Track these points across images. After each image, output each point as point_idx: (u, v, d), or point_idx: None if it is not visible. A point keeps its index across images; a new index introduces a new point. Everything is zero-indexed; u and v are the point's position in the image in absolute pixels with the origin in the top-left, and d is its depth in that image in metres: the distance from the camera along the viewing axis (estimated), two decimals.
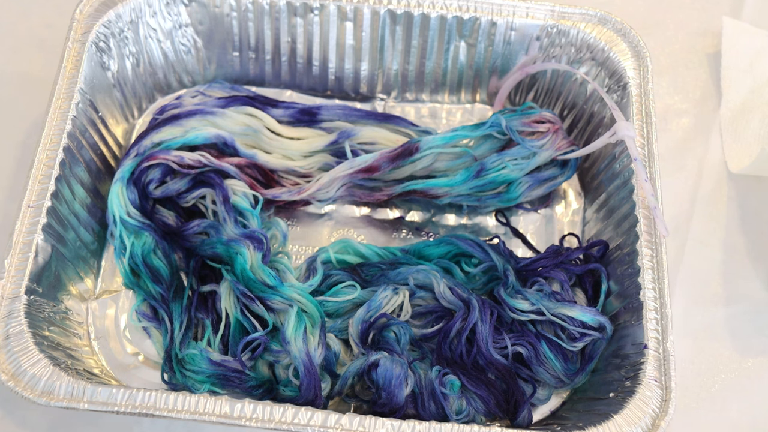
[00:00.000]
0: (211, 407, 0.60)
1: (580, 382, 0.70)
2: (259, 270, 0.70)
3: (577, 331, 0.69)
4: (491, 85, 0.85)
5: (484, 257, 0.73)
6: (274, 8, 0.80)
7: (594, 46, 0.79)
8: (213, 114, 0.76)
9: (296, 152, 0.78)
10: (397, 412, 0.65)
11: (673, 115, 0.89)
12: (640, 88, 0.76)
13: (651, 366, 0.64)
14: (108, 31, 0.76)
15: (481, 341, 0.68)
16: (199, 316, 0.71)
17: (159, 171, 0.74)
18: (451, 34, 0.81)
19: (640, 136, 0.73)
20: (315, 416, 0.60)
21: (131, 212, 0.73)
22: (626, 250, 0.70)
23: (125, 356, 0.72)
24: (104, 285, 0.75)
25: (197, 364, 0.68)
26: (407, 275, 0.72)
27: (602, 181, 0.78)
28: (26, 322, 0.64)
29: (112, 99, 0.79)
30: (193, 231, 0.73)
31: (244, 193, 0.75)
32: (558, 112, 0.84)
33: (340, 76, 0.85)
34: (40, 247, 0.67)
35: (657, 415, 0.62)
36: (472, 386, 0.67)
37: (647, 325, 0.66)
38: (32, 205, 0.68)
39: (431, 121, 0.86)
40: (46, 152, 0.69)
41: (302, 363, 0.65)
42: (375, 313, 0.69)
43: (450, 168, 0.77)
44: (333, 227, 0.80)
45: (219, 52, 0.84)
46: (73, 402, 0.61)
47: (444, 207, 0.80)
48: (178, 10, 0.80)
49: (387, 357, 0.66)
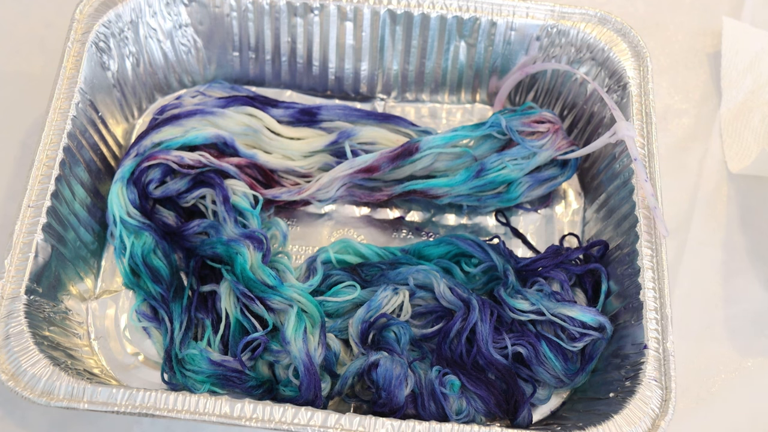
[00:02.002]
0: (211, 407, 0.60)
1: (580, 382, 0.70)
2: (259, 270, 0.70)
3: (577, 331, 0.69)
4: (491, 85, 0.85)
5: (484, 257, 0.73)
6: (274, 8, 0.80)
7: (594, 46, 0.79)
8: (213, 114, 0.76)
9: (296, 152, 0.78)
10: (397, 412, 0.65)
11: (673, 115, 0.89)
12: (640, 88, 0.76)
13: (651, 366, 0.64)
14: (108, 31, 0.76)
15: (481, 341, 0.68)
16: (199, 316, 0.71)
17: (159, 171, 0.74)
18: (451, 34, 0.81)
19: (640, 136, 0.73)
20: (315, 416, 0.60)
21: (131, 212, 0.73)
22: (626, 250, 0.70)
23: (125, 356, 0.72)
24: (104, 285, 0.75)
25: (197, 364, 0.68)
26: (407, 275, 0.72)
27: (602, 181, 0.78)
28: (26, 322, 0.64)
29: (112, 99, 0.79)
30: (193, 231, 0.73)
31: (244, 193, 0.75)
32: (558, 112, 0.84)
33: (340, 76, 0.85)
34: (40, 247, 0.67)
35: (657, 415, 0.62)
36: (472, 386, 0.67)
37: (647, 325, 0.66)
38: (32, 205, 0.68)
39: (431, 121, 0.86)
40: (46, 152, 0.69)
41: (302, 363, 0.65)
42: (375, 313, 0.69)
43: (450, 168, 0.77)
44: (333, 227, 0.80)
45: (219, 52, 0.84)
46: (73, 402, 0.61)
47: (444, 207, 0.80)
48: (178, 10, 0.80)
49: (387, 357, 0.66)
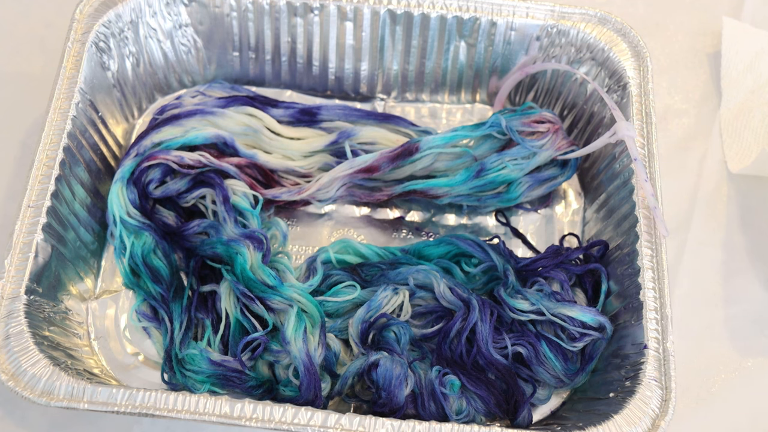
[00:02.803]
0: (211, 407, 0.60)
1: (580, 382, 0.70)
2: (259, 270, 0.70)
3: (577, 331, 0.69)
4: (491, 85, 0.85)
5: (484, 257, 0.73)
6: (274, 8, 0.80)
7: (594, 46, 0.79)
8: (213, 114, 0.76)
9: (296, 152, 0.78)
10: (397, 412, 0.65)
11: (673, 115, 0.89)
12: (640, 88, 0.76)
13: (651, 366, 0.64)
14: (108, 31, 0.76)
15: (481, 341, 0.68)
16: (199, 316, 0.71)
17: (159, 171, 0.74)
18: (451, 34, 0.81)
19: (640, 136, 0.73)
20: (315, 416, 0.60)
21: (131, 212, 0.73)
22: (626, 250, 0.70)
23: (125, 356, 0.72)
24: (104, 285, 0.75)
25: (197, 364, 0.68)
26: (407, 275, 0.72)
27: (602, 181, 0.78)
28: (26, 322, 0.64)
29: (112, 99, 0.79)
30: (193, 231, 0.73)
31: (244, 193, 0.75)
32: (558, 112, 0.84)
33: (340, 76, 0.85)
34: (40, 247, 0.67)
35: (657, 415, 0.62)
36: (472, 386, 0.67)
37: (647, 325, 0.65)
38: (32, 205, 0.68)
39: (431, 121, 0.86)
40: (46, 152, 0.69)
41: (302, 363, 0.65)
42: (375, 313, 0.69)
43: (450, 168, 0.77)
44: (333, 227, 0.80)
45: (219, 52, 0.84)
46: (73, 402, 0.61)
47: (444, 207, 0.80)
48: (178, 10, 0.80)
49: (387, 357, 0.66)
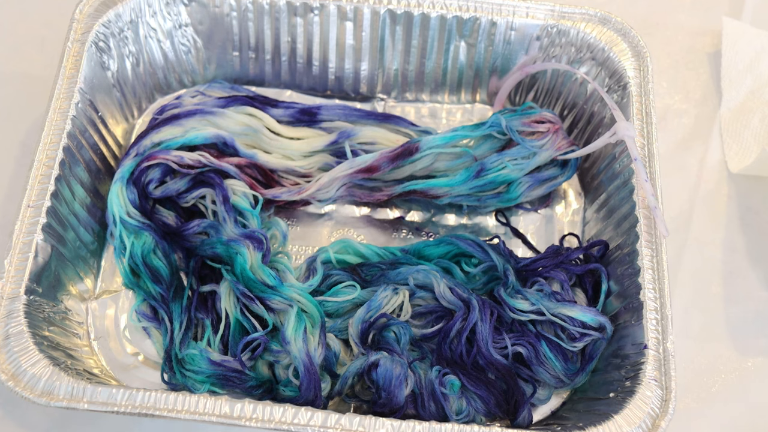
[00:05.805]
0: (211, 407, 0.60)
1: (580, 382, 0.70)
2: (259, 270, 0.70)
3: (577, 331, 0.69)
4: (491, 85, 0.85)
5: (484, 257, 0.73)
6: (274, 8, 0.80)
7: (594, 46, 0.79)
8: (213, 114, 0.76)
9: (296, 152, 0.78)
10: (397, 412, 0.65)
11: (673, 115, 0.89)
12: (640, 88, 0.76)
13: (651, 366, 0.64)
14: (108, 31, 0.76)
15: (481, 341, 0.68)
16: (199, 316, 0.71)
17: (159, 171, 0.74)
18: (451, 34, 0.81)
19: (640, 136, 0.73)
20: (315, 416, 0.60)
21: (131, 212, 0.73)
22: (626, 250, 0.70)
23: (125, 356, 0.72)
24: (104, 285, 0.75)
25: (197, 364, 0.68)
26: (407, 275, 0.72)
27: (602, 181, 0.78)
28: (26, 322, 0.64)
29: (111, 99, 0.79)
30: (193, 231, 0.73)
31: (244, 193, 0.75)
32: (558, 112, 0.84)
33: (340, 76, 0.85)
34: (39, 247, 0.67)
35: (657, 415, 0.62)
36: (472, 386, 0.67)
37: (647, 325, 0.66)
38: (32, 205, 0.68)
39: (431, 121, 0.86)
40: (46, 152, 0.69)
41: (302, 363, 0.65)
42: (375, 313, 0.69)
43: (450, 168, 0.77)
44: (333, 227, 0.80)
45: (219, 52, 0.84)
46: (73, 402, 0.61)
47: (444, 207, 0.80)
48: (178, 10, 0.80)
49: (387, 357, 0.66)
